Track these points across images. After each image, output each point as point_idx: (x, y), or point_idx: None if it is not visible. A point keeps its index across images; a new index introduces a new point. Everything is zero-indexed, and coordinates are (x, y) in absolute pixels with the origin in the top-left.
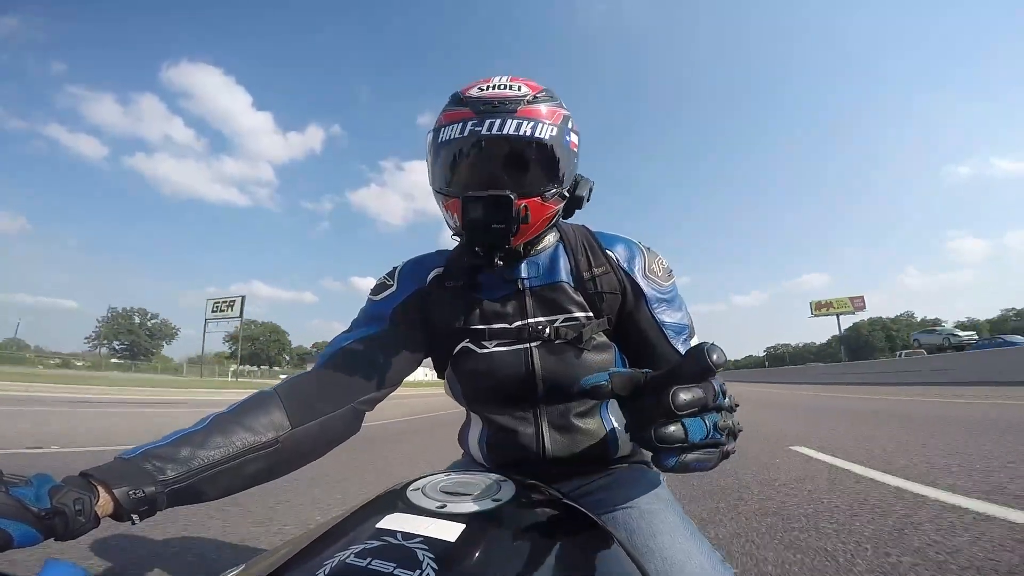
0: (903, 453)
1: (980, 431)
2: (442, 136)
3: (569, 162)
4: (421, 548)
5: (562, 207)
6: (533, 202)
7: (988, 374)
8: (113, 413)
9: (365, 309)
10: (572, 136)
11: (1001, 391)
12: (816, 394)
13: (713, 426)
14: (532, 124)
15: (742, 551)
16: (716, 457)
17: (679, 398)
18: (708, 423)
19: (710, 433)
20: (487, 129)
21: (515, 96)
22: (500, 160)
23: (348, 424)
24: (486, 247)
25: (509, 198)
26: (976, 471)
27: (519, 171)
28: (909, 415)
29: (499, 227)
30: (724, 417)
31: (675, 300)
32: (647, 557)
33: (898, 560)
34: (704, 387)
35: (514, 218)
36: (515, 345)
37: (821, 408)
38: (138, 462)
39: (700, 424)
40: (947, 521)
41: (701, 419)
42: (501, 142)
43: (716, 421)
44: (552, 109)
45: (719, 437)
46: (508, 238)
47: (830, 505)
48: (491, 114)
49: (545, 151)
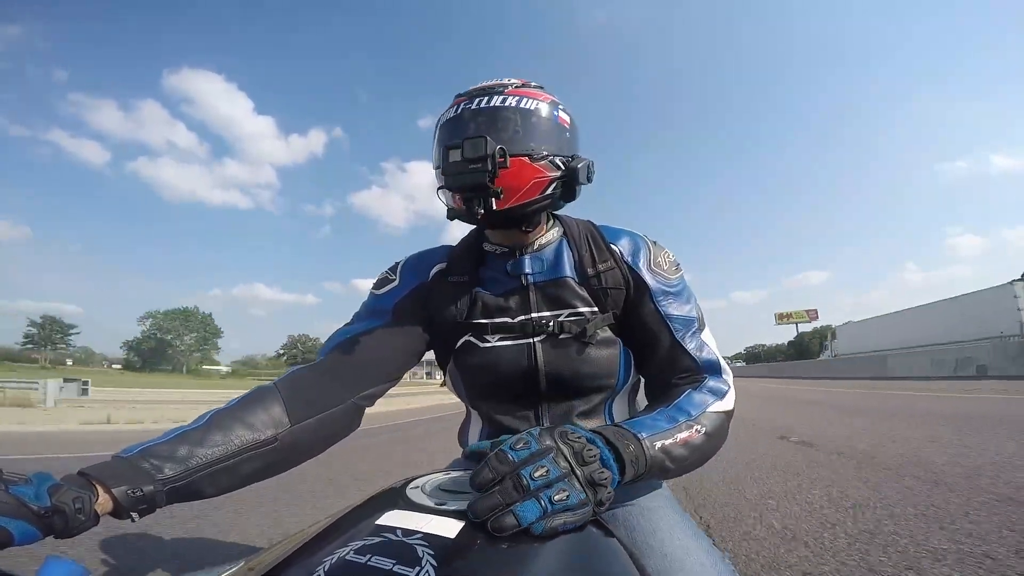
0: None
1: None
2: (439, 121)
3: (558, 134)
4: (421, 545)
5: (559, 180)
6: (518, 160)
7: (856, 372)
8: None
9: (367, 303)
10: (561, 114)
11: (848, 383)
12: (765, 385)
13: (548, 500)
14: (517, 98)
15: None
16: (580, 518)
17: (475, 507)
18: (543, 501)
19: (547, 509)
20: (476, 105)
21: (505, 83)
22: (483, 122)
23: (348, 420)
24: (464, 191)
25: (484, 138)
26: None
27: (501, 131)
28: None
29: (476, 167)
30: (558, 490)
31: (683, 293)
32: (647, 554)
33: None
34: (509, 478)
35: (490, 157)
36: (518, 340)
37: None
38: (136, 461)
39: (534, 505)
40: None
41: (535, 499)
42: (487, 110)
43: (551, 495)
44: (541, 93)
45: (559, 507)
46: (484, 178)
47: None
48: (480, 95)
49: (528, 116)
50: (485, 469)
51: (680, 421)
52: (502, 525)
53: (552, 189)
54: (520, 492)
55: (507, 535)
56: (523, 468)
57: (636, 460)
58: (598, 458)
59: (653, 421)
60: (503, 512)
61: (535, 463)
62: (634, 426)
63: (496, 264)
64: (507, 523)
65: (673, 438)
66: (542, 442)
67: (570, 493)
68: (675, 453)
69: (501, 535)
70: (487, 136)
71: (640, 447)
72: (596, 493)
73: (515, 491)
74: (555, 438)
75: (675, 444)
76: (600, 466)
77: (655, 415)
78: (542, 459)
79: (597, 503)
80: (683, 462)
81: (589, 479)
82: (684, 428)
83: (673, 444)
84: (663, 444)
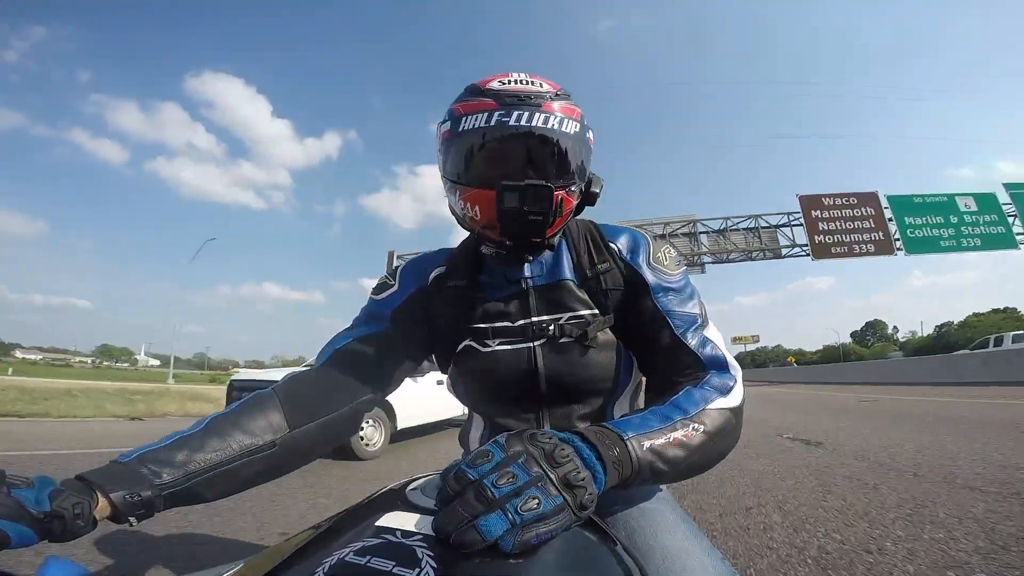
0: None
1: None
2: (464, 125)
3: (588, 158)
4: (420, 546)
5: (579, 202)
6: (561, 195)
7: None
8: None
9: (367, 308)
10: (589, 133)
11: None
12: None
13: (515, 511)
14: (558, 119)
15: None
16: (559, 526)
17: (437, 523)
18: (510, 513)
19: (515, 522)
20: (515, 120)
21: (538, 92)
22: (532, 151)
23: (347, 425)
24: (519, 238)
25: (550, 188)
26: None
27: (549, 163)
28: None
29: (536, 218)
30: (527, 498)
31: (685, 290)
32: (647, 555)
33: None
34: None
35: (552, 209)
36: (518, 344)
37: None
38: (135, 466)
39: (499, 518)
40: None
41: (501, 511)
42: (532, 133)
43: (517, 505)
44: (571, 107)
45: (531, 517)
46: (544, 228)
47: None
48: (517, 106)
49: (571, 145)
50: (444, 489)
51: (675, 419)
52: (464, 541)
53: (574, 211)
54: (484, 503)
55: (476, 551)
56: (487, 478)
57: (619, 462)
58: (572, 458)
59: (642, 420)
60: (466, 527)
61: (499, 472)
62: (619, 426)
63: (495, 268)
64: (470, 539)
65: (665, 438)
66: (510, 448)
67: (542, 500)
68: (668, 454)
69: (467, 552)
70: (551, 183)
71: (625, 448)
72: (575, 496)
73: (478, 502)
74: (524, 442)
75: (668, 444)
76: (577, 466)
77: (646, 414)
78: (509, 466)
79: (578, 507)
80: (679, 464)
81: (565, 481)
82: (679, 427)
83: (665, 444)
84: (652, 444)
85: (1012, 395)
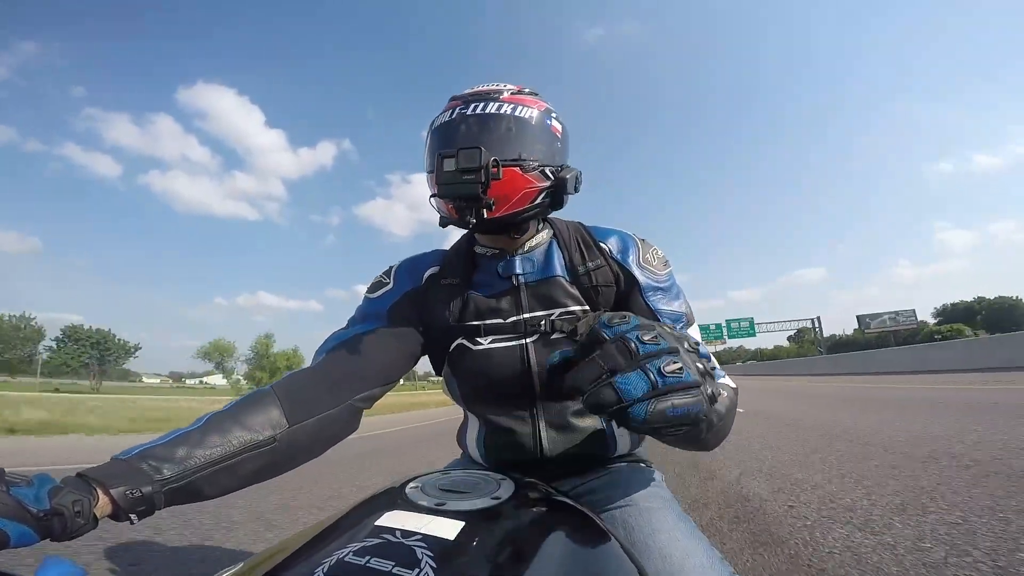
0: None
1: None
2: (433, 125)
3: (550, 143)
4: (420, 546)
5: (548, 190)
6: (510, 170)
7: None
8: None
9: (362, 307)
10: (554, 123)
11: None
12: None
13: (658, 372)
14: (512, 106)
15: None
16: (695, 403)
17: (574, 377)
18: (652, 373)
19: (656, 383)
20: (471, 110)
21: (498, 89)
22: (477, 129)
23: (346, 422)
24: (458, 200)
25: (478, 148)
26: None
27: (495, 139)
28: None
29: (469, 176)
30: (669, 361)
31: (672, 289)
32: (646, 555)
33: None
34: (632, 331)
35: (484, 168)
36: (511, 341)
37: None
38: (135, 462)
39: (640, 377)
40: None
41: (642, 370)
42: (482, 117)
43: (660, 366)
44: (531, 99)
45: (673, 382)
46: (477, 188)
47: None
48: (476, 100)
49: (522, 125)
50: (583, 342)
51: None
52: (599, 401)
53: (541, 199)
54: (627, 357)
55: (510, 533)
56: (630, 333)
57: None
58: (698, 349)
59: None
60: (603, 384)
61: (644, 330)
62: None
63: (488, 266)
64: (605, 397)
65: (721, 387)
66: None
67: (685, 368)
68: (719, 408)
69: (600, 413)
70: (482, 147)
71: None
72: (707, 385)
73: (619, 356)
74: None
75: (722, 396)
76: (706, 356)
77: None
78: (652, 330)
79: (709, 398)
80: (720, 418)
81: (697, 366)
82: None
83: (722, 387)
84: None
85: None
